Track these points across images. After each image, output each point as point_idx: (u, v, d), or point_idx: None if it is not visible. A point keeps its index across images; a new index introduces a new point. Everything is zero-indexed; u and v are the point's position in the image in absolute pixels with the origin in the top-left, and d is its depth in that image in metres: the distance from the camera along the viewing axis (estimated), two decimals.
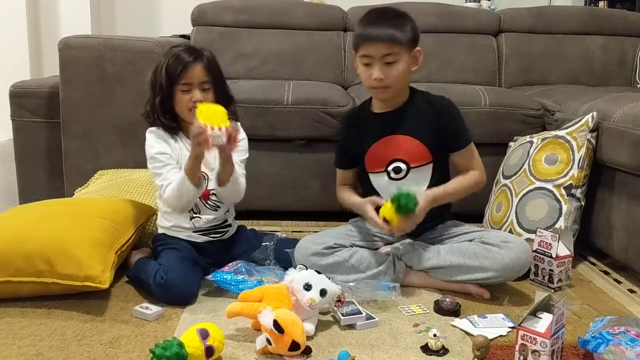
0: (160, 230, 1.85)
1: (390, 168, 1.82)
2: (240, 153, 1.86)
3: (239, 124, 1.81)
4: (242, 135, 1.88)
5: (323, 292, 1.48)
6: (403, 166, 1.81)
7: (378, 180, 1.86)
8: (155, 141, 1.79)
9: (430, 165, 1.81)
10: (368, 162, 1.86)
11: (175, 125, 1.80)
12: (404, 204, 1.62)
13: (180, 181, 1.69)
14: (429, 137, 1.79)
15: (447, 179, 1.86)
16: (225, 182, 1.75)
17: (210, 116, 1.60)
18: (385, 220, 1.67)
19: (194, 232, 1.81)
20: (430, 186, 1.81)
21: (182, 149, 1.79)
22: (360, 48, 1.74)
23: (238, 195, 1.82)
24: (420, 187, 1.81)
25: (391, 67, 1.71)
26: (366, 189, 1.91)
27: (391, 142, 1.81)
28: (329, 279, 1.55)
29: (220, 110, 1.62)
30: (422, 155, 1.80)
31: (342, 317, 1.52)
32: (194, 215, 1.81)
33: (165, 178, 1.74)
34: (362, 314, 1.55)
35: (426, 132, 1.79)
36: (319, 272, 1.53)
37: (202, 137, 1.58)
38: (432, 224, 1.87)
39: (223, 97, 1.82)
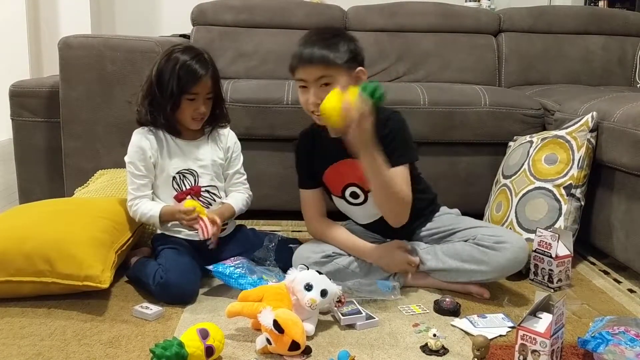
0: (159, 230, 1.85)
1: (346, 194, 1.80)
2: (236, 162, 1.92)
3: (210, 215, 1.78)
4: (233, 140, 1.92)
5: (324, 293, 1.48)
6: (359, 191, 1.78)
7: (340, 204, 1.84)
8: (141, 148, 1.78)
9: None
10: (328, 185, 1.83)
11: (179, 129, 1.81)
12: (376, 90, 1.48)
13: (151, 217, 1.77)
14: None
15: (414, 190, 1.75)
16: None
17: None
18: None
19: (191, 230, 1.81)
20: None
21: (168, 145, 1.81)
22: (295, 71, 1.68)
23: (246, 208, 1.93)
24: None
25: (326, 91, 1.58)
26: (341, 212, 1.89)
27: (343, 167, 1.76)
28: (330, 279, 1.55)
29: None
30: None
31: (342, 317, 1.52)
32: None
33: (138, 190, 1.78)
34: (362, 313, 1.55)
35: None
36: (320, 273, 1.53)
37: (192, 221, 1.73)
38: (419, 222, 1.85)
39: (220, 103, 1.87)
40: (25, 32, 4.46)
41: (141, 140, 1.78)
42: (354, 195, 1.79)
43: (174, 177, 1.80)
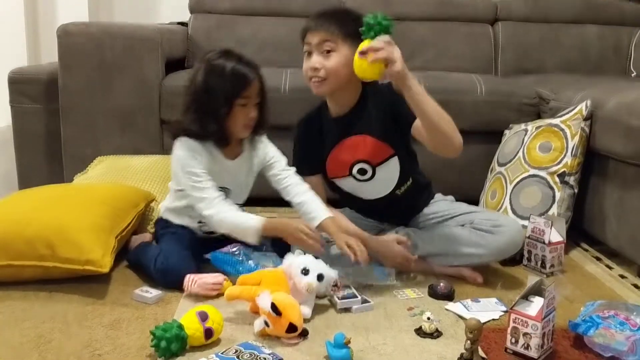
0: (163, 215, 1.84)
1: (354, 171, 1.82)
2: (278, 163, 1.84)
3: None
4: (271, 154, 1.84)
5: (320, 277, 1.51)
6: (367, 167, 1.80)
7: (345, 184, 1.85)
8: (191, 155, 1.68)
9: (395, 158, 1.80)
10: (330, 169, 1.85)
11: (229, 138, 1.72)
12: (378, 19, 1.50)
13: (248, 228, 1.65)
14: (384, 129, 1.76)
15: (416, 168, 1.88)
16: None
17: None
18: (363, 53, 1.50)
19: (198, 232, 1.81)
20: (401, 178, 1.82)
21: (213, 161, 1.72)
22: (304, 37, 1.74)
23: None
24: (392, 182, 1.82)
25: (327, 58, 1.69)
26: (341, 195, 1.91)
27: (349, 144, 1.79)
28: (327, 264, 1.57)
29: None
30: (382, 150, 1.78)
31: (339, 301, 1.55)
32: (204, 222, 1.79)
33: (212, 190, 1.68)
34: (357, 297, 1.57)
35: (381, 125, 1.76)
36: (316, 257, 1.56)
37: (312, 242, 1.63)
38: (416, 208, 1.90)
39: (265, 109, 1.77)
40: (23, 19, 4.43)
41: (194, 156, 1.68)
42: (362, 171, 1.81)
43: None
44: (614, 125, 1.91)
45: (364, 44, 1.51)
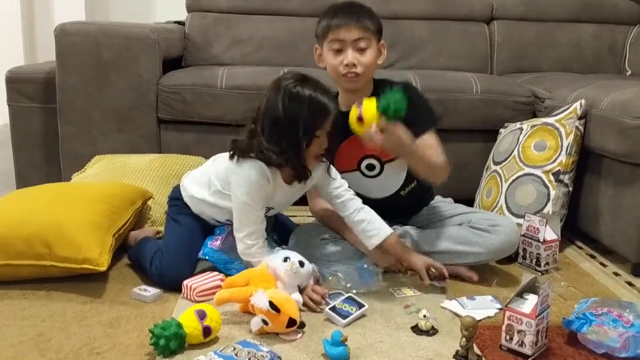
0: (187, 200, 1.76)
1: (363, 166, 1.83)
2: (337, 179, 1.74)
3: None
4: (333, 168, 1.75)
5: (302, 263, 1.55)
6: (375, 162, 1.81)
7: (352, 179, 1.83)
8: (261, 184, 1.61)
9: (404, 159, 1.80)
10: (338, 162, 1.82)
11: (306, 169, 1.64)
12: (394, 107, 1.48)
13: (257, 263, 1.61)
14: None
15: None
16: None
17: None
18: (359, 119, 1.51)
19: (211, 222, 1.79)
20: (407, 179, 1.83)
21: (275, 185, 1.65)
22: (329, 34, 1.72)
23: None
24: (398, 180, 1.84)
25: (363, 54, 1.71)
26: None
27: (360, 139, 1.77)
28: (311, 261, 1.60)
29: None
30: None
31: (343, 321, 1.47)
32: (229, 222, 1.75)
33: (257, 221, 1.63)
34: (356, 313, 1.50)
35: None
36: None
37: None
38: (417, 208, 1.92)
39: (334, 138, 1.70)
40: (20, 18, 4.44)
41: (263, 184, 1.61)
42: (370, 167, 1.83)
43: None
44: (609, 124, 1.93)
45: (369, 111, 1.50)
